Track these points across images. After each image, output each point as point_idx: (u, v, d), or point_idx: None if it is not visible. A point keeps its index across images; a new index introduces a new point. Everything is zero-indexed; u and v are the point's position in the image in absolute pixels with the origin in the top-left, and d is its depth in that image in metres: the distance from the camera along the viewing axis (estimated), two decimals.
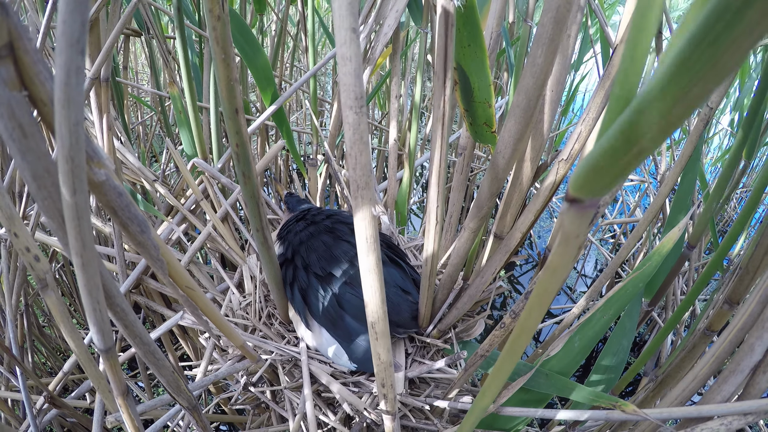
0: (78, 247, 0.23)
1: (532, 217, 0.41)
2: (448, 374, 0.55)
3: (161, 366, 0.38)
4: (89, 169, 0.25)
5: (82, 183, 0.21)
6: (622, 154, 0.15)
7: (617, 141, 0.15)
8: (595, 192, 0.18)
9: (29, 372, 0.73)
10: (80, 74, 0.19)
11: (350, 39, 0.24)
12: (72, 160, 0.20)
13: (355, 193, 0.28)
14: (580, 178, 0.17)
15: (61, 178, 0.21)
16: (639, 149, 0.15)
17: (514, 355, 0.30)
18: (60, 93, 0.19)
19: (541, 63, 0.28)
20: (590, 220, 0.20)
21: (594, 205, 0.19)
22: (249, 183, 0.41)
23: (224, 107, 0.37)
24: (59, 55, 0.18)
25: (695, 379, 0.43)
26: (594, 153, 0.16)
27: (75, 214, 0.22)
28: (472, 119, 0.38)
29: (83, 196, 0.22)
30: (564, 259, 0.22)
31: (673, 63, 0.12)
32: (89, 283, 0.25)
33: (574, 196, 0.18)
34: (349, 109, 0.26)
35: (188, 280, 0.37)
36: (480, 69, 0.34)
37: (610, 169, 0.16)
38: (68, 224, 0.22)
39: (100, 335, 0.29)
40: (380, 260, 0.31)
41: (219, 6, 0.33)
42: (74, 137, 0.20)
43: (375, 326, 0.35)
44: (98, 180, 0.25)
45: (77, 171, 0.21)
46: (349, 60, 0.25)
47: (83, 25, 0.18)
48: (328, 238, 0.59)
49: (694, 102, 0.13)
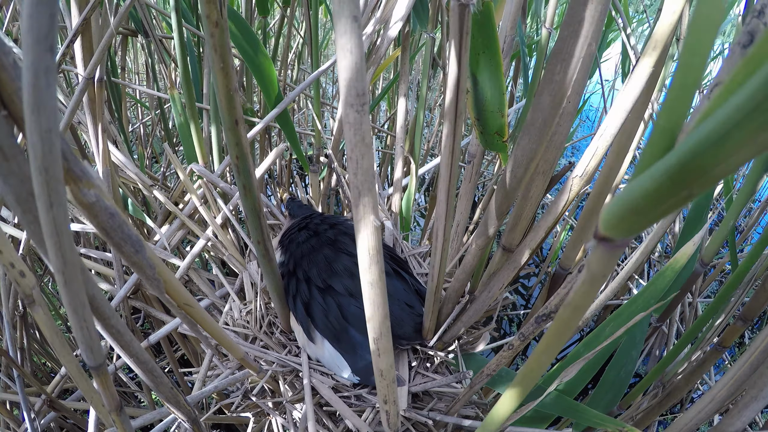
0: (59, 264, 0.22)
1: (542, 234, 0.40)
2: (452, 388, 0.54)
3: (160, 383, 0.37)
4: (78, 190, 0.23)
5: (59, 196, 0.19)
6: (668, 197, 0.13)
7: (663, 183, 0.13)
8: (628, 232, 0.16)
9: (27, 375, 0.72)
10: (50, 74, 0.17)
11: (351, 29, 0.22)
12: (46, 171, 0.18)
13: (356, 201, 0.26)
14: (615, 218, 0.16)
15: (36, 191, 0.19)
16: (688, 194, 0.13)
17: (526, 387, 0.28)
18: (28, 97, 0.17)
19: (560, 80, 0.26)
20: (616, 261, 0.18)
21: (625, 244, 0.17)
22: (250, 196, 0.39)
23: (223, 118, 0.35)
24: (26, 54, 0.16)
25: (713, 401, 0.41)
26: (634, 192, 0.14)
27: (53, 229, 0.20)
28: (482, 128, 0.37)
29: (61, 210, 0.20)
30: (587, 299, 0.20)
31: (744, 105, 0.10)
32: (73, 300, 0.24)
33: (605, 235, 0.17)
34: (349, 107, 0.23)
35: (186, 297, 0.35)
36: (493, 77, 0.32)
37: (651, 211, 0.14)
38: (47, 241, 0.21)
39: (89, 352, 0.28)
40: (383, 273, 0.29)
41: (217, 11, 0.31)
42: (47, 145, 0.18)
43: (378, 342, 0.34)
44: (88, 201, 0.24)
45: (53, 183, 0.19)
46: (350, 52, 0.22)
47: (52, 19, 0.16)
48: (330, 252, 0.58)
49: (761, 148, 0.11)
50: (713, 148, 0.11)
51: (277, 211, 0.82)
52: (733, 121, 0.11)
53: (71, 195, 0.23)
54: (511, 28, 0.32)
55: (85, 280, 0.27)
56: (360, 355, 0.53)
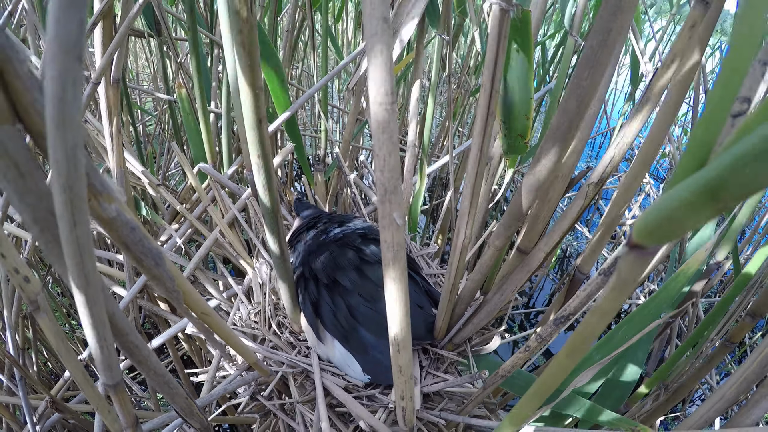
0: (82, 285, 0.21)
1: (557, 238, 0.40)
2: (464, 388, 0.54)
3: (176, 394, 0.37)
4: (98, 204, 0.22)
5: (82, 215, 0.18)
6: (703, 209, 0.14)
7: (700, 195, 0.14)
8: (661, 239, 0.17)
9: (30, 376, 0.72)
10: (78, 87, 0.16)
11: (382, 29, 0.22)
12: (70, 189, 0.17)
13: (382, 197, 0.26)
14: (649, 226, 0.16)
15: (58, 210, 0.18)
16: (723, 206, 0.14)
17: (547, 390, 0.28)
18: (52, 110, 0.15)
19: (587, 85, 0.26)
20: (647, 268, 0.19)
21: (656, 251, 0.18)
22: (270, 194, 0.39)
23: (247, 116, 0.35)
24: (51, 64, 0.15)
25: (722, 399, 0.42)
26: (670, 202, 0.15)
27: (76, 250, 0.19)
28: (507, 131, 0.37)
29: (84, 229, 0.19)
30: (616, 304, 0.21)
31: None
32: (95, 320, 0.23)
33: (638, 242, 0.17)
34: (378, 105, 0.24)
35: (204, 307, 0.35)
36: (524, 82, 0.32)
37: (685, 221, 0.15)
38: (68, 261, 0.20)
39: (107, 372, 0.27)
40: (405, 270, 0.29)
41: (247, 8, 0.31)
42: (72, 163, 0.17)
43: (397, 338, 0.34)
44: (109, 216, 0.23)
45: (77, 201, 0.18)
46: (380, 52, 0.22)
47: (81, 25, 0.15)
48: (336, 247, 0.58)
49: None
50: (754, 163, 0.12)
51: (285, 211, 0.82)
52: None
53: (91, 210, 0.22)
54: (533, 34, 0.32)
55: (106, 298, 0.26)
56: (371, 354, 0.53)
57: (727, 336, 0.55)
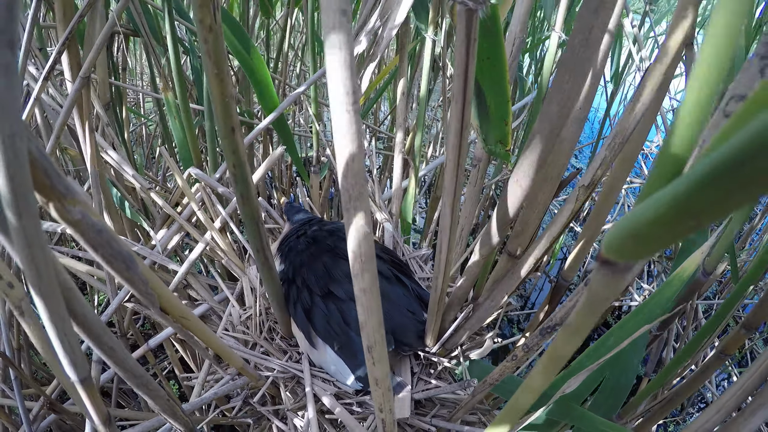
0: (34, 278, 0.21)
1: (546, 244, 0.39)
2: (455, 395, 0.53)
3: (156, 396, 0.36)
4: (62, 207, 0.22)
5: (29, 205, 0.18)
6: (673, 227, 0.12)
7: (669, 212, 0.12)
8: (632, 256, 0.15)
9: (25, 376, 0.71)
10: (11, 74, 0.16)
11: (339, 23, 0.20)
12: (12, 179, 0.17)
13: (347, 205, 0.25)
14: (617, 241, 0.15)
15: (4, 200, 0.18)
16: (696, 224, 0.12)
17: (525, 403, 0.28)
18: None
19: (569, 88, 0.25)
20: (623, 286, 0.17)
21: (629, 268, 0.16)
22: (248, 204, 0.38)
23: (219, 126, 0.34)
24: None
25: (719, 411, 0.41)
26: (638, 219, 0.13)
27: (24, 241, 0.19)
28: (485, 137, 0.36)
29: (32, 220, 0.19)
30: (588, 322, 0.19)
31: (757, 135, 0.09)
32: (52, 316, 0.23)
33: (608, 258, 0.16)
34: (339, 105, 0.22)
35: (182, 310, 0.35)
36: (498, 85, 0.31)
37: (656, 239, 0.13)
38: (19, 254, 0.20)
39: (72, 367, 0.27)
40: (377, 279, 0.28)
41: (211, 15, 0.30)
42: (11, 151, 0.17)
43: (372, 350, 0.32)
44: (74, 218, 0.22)
45: (21, 190, 0.18)
46: (339, 48, 0.21)
47: (11, 9, 0.15)
48: (329, 258, 0.57)
49: None
50: (727, 180, 0.10)
51: (276, 215, 0.81)
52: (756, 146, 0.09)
53: (56, 212, 0.22)
54: (520, 30, 0.31)
55: (72, 297, 0.26)
56: (362, 360, 0.52)
57: (722, 347, 0.53)
